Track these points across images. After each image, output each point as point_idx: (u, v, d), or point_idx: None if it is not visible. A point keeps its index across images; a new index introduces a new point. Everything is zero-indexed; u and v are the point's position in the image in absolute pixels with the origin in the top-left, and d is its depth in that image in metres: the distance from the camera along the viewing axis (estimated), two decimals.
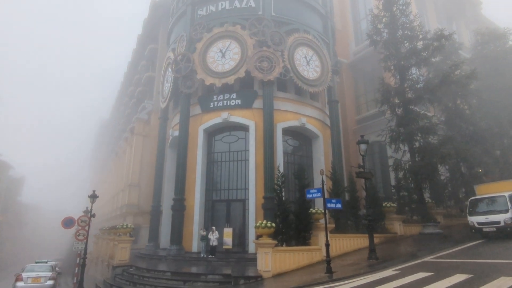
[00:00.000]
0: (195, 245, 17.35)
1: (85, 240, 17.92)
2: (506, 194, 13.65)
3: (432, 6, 31.54)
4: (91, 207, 18.10)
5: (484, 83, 22.19)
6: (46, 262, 21.19)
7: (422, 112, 18.79)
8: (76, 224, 18.57)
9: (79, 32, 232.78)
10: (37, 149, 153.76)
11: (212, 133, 20.02)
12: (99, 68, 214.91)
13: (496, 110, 21.72)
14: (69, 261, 33.40)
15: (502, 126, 21.83)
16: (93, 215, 18.11)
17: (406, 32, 19.47)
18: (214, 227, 16.58)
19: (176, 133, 20.53)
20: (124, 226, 17.30)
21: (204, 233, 16.44)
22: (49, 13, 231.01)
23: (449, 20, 33.55)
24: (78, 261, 19.60)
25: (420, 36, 19.47)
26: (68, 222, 18.38)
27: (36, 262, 21.06)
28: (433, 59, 19.56)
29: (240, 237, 17.70)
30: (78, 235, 18.30)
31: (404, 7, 19.80)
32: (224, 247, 16.39)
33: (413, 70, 19.75)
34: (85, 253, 17.80)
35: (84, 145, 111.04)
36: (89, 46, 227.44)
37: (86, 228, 18.17)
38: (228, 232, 16.67)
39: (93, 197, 18.33)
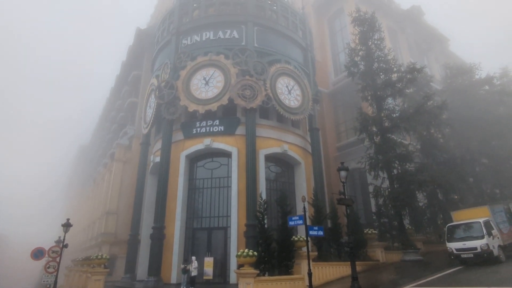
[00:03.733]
0: (174, 276, 16.66)
1: (55, 273, 16.85)
2: (481, 220, 14.08)
3: (405, 42, 33.81)
4: (64, 236, 17.22)
5: (455, 114, 23.45)
6: None
7: (399, 140, 19.51)
8: (46, 255, 17.50)
9: (60, 55, 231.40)
10: (7, 175, 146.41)
11: (194, 159, 19.89)
12: (81, 92, 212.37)
13: (467, 140, 22.84)
14: None
15: (473, 154, 22.88)
16: (66, 245, 17.19)
17: (381, 64, 20.63)
18: (194, 257, 16.03)
19: (158, 159, 20.26)
20: (99, 257, 16.46)
21: (188, 267, 15.75)
22: (34, 30, 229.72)
23: (421, 54, 35.89)
24: None
25: (395, 69, 20.65)
26: (37, 254, 17.28)
27: None
28: (407, 90, 20.62)
29: (222, 267, 17.16)
30: (48, 267, 17.21)
31: (378, 42, 21.11)
32: (205, 277, 15.81)
33: (389, 100, 20.69)
34: (55, 286, 16.69)
35: (60, 171, 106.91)
36: (70, 70, 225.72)
37: (58, 259, 17.15)
38: (209, 262, 16.14)
39: (67, 225, 17.52)
